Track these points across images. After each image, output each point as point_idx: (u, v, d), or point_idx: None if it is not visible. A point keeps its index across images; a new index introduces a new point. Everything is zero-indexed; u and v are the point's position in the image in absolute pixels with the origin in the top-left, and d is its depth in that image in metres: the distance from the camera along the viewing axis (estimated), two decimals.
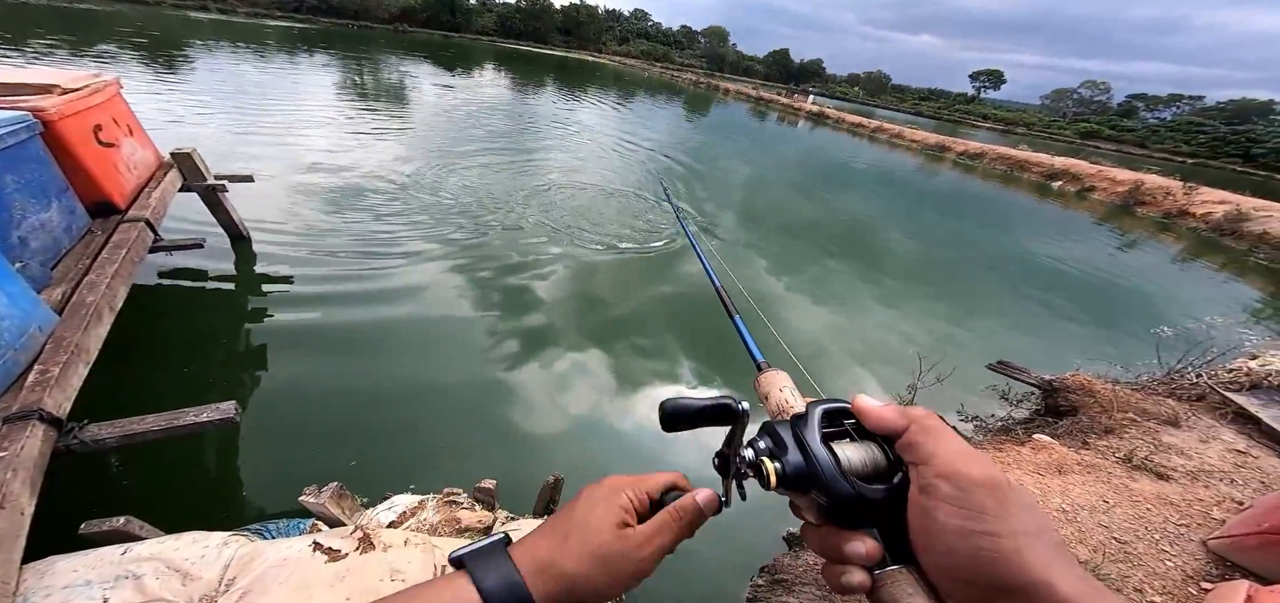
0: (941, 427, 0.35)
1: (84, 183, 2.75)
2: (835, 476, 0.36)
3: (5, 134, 2.18)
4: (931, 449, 0.34)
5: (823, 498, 0.37)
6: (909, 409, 0.38)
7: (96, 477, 2.27)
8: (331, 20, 53.91)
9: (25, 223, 2.21)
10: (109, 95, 3.18)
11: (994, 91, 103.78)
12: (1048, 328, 5.77)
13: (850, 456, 0.38)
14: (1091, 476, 2.30)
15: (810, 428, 0.39)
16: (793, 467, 0.38)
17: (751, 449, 0.40)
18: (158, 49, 15.44)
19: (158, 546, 1.44)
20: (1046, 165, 19.91)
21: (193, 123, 7.84)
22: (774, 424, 0.41)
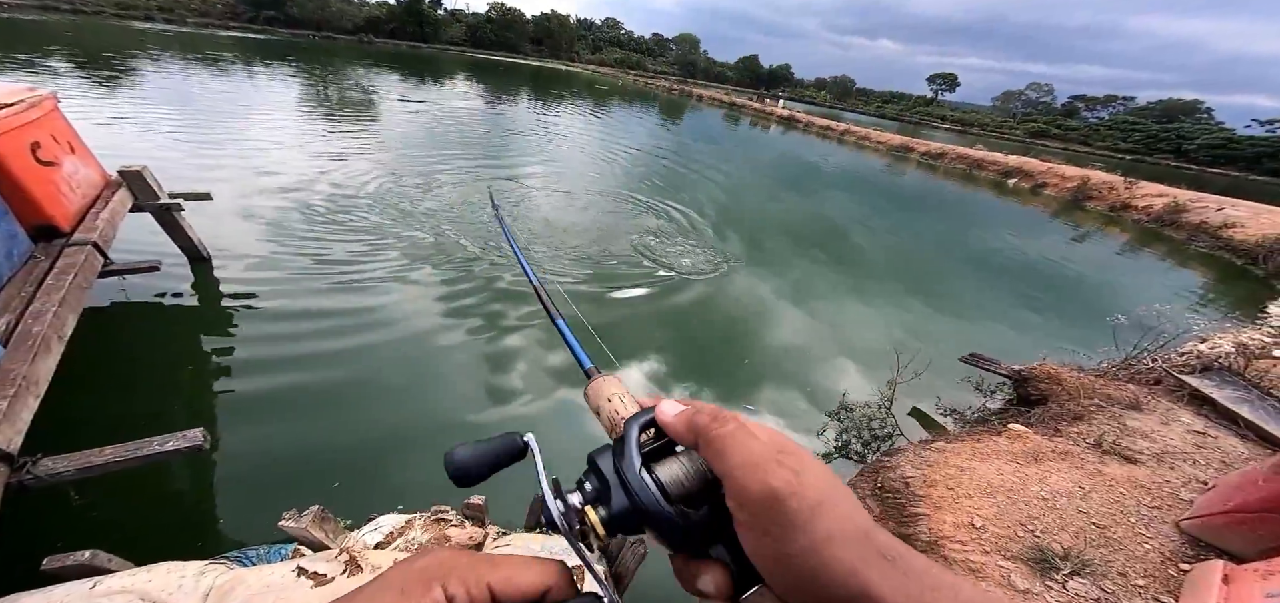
0: (726, 434, 0.31)
1: (23, 205, 2.55)
2: (658, 507, 0.32)
3: None
4: (721, 468, 0.30)
5: (656, 533, 0.33)
6: (696, 415, 0.33)
7: (59, 512, 2.15)
8: (291, 32, 51.94)
9: None
10: (45, 111, 2.96)
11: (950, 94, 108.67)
12: (1014, 319, 6.03)
13: (674, 473, 0.34)
14: (1065, 462, 2.40)
15: (628, 453, 0.34)
16: (617, 509, 0.33)
17: (579, 493, 0.35)
18: (98, 62, 14.56)
19: (129, 578, 1.36)
20: (1002, 164, 20.95)
21: (144, 140, 7.42)
22: (595, 456, 0.36)
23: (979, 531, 2.00)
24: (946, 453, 2.70)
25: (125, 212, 3.41)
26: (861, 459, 3.09)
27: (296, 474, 2.54)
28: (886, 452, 3.01)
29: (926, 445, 2.96)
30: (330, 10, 58.25)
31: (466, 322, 4.00)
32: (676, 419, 0.34)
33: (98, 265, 2.74)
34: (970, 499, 2.20)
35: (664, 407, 0.36)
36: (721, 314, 4.84)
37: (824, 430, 3.41)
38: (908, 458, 2.73)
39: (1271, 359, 3.97)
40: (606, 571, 1.93)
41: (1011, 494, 2.18)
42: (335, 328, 3.66)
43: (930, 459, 2.66)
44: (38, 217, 2.64)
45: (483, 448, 0.36)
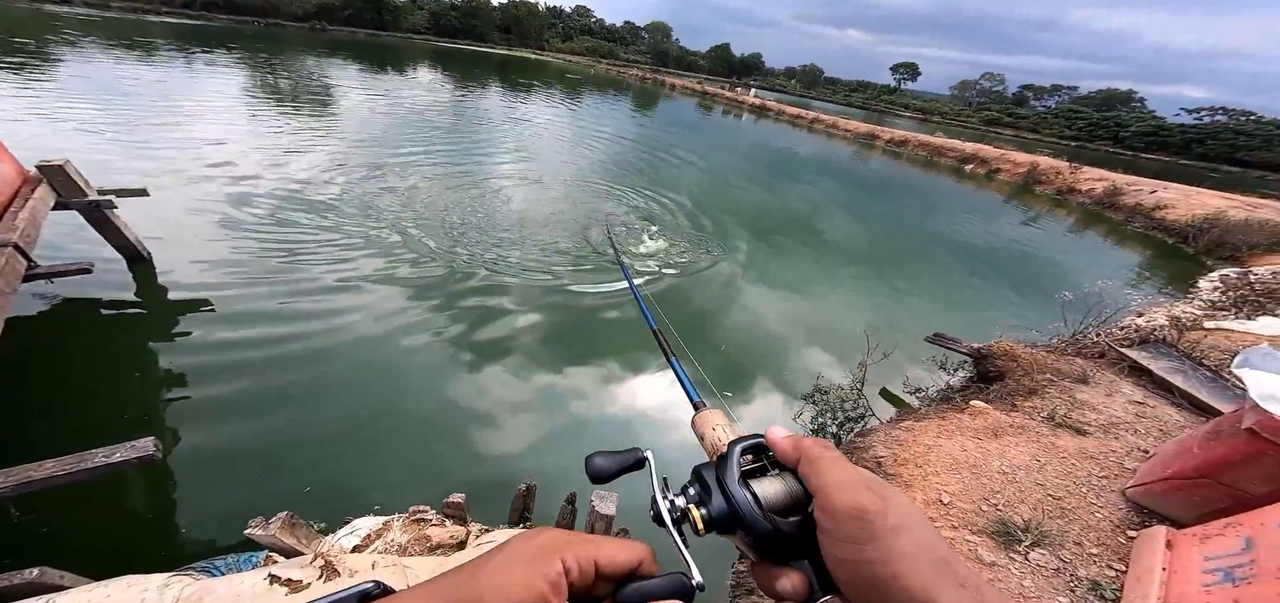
0: (824, 456, 0.36)
1: None
2: (753, 514, 0.37)
3: None
4: (815, 482, 0.35)
5: (747, 537, 0.38)
6: (802, 440, 0.39)
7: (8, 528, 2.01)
8: (232, 18, 48.06)
9: None
10: None
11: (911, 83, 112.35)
12: (974, 299, 6.33)
13: (768, 491, 0.39)
14: (1022, 436, 2.53)
15: (730, 468, 0.40)
16: (716, 511, 0.39)
17: (683, 497, 0.41)
18: (8, 48, 13.22)
19: (86, 595, 1.29)
20: (959, 150, 21.87)
21: (67, 135, 6.80)
22: (701, 469, 0.42)
23: (947, 507, 2.08)
24: (915, 432, 2.81)
25: (47, 210, 3.11)
26: (837, 441, 3.18)
27: (263, 480, 2.43)
28: (860, 433, 3.11)
29: (896, 424, 3.07)
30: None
31: (427, 318, 3.89)
32: (784, 440, 0.40)
33: (21, 268, 2.49)
34: (938, 476, 2.29)
35: (774, 429, 0.41)
36: (695, 301, 4.87)
37: (800, 414, 3.48)
38: (880, 438, 2.82)
39: (1202, 331, 4.30)
40: None
41: (975, 470, 2.28)
42: (293, 330, 3.49)
43: (900, 438, 2.76)
44: None
45: (616, 458, 0.43)
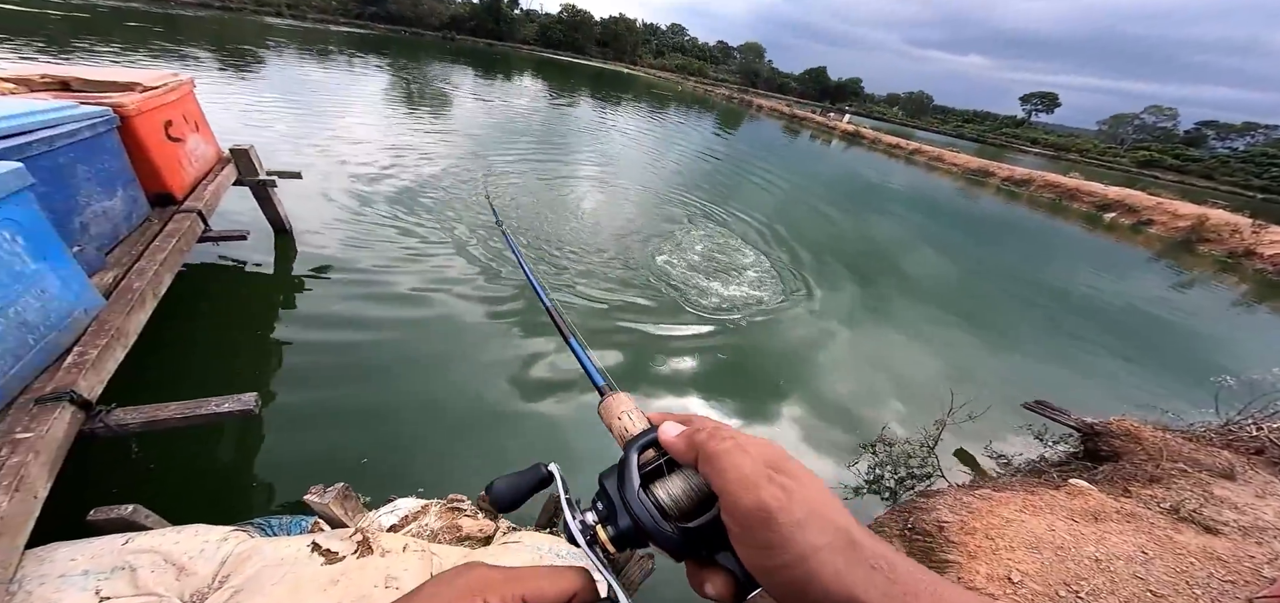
0: (720, 450, 0.33)
1: (149, 174, 2.96)
2: (657, 527, 0.35)
3: (83, 127, 2.38)
4: (717, 484, 0.33)
5: (661, 547, 0.35)
6: (694, 434, 0.36)
7: (115, 460, 2.27)
8: (387, 26, 57.28)
9: (88, 209, 2.40)
10: (182, 94, 3.44)
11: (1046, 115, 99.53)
12: (1091, 367, 5.42)
13: (673, 492, 0.37)
14: (1131, 525, 2.14)
15: (628, 478, 0.37)
16: (622, 527, 0.36)
17: (593, 513, 0.38)
18: (232, 52, 16.64)
19: (159, 538, 1.44)
20: (1099, 195, 18.86)
21: (252, 121, 8.36)
22: (603, 479, 0.39)
23: (1015, 585, 1.83)
24: (993, 501, 2.49)
25: (229, 185, 3.87)
26: (893, 498, 2.91)
27: (332, 446, 2.60)
28: (923, 492, 2.82)
29: (969, 490, 2.74)
30: (422, 7, 63.39)
31: (513, 315, 4.10)
32: (677, 439, 0.37)
33: (198, 230, 3.11)
34: (1011, 552, 2.01)
35: (665, 428, 0.38)
36: (756, 330, 4.71)
37: (856, 462, 3.24)
38: (946, 501, 2.54)
39: None
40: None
41: (1060, 552, 1.97)
42: (389, 314, 3.85)
43: (972, 505, 2.46)
44: (158, 185, 3.06)
45: (515, 480, 0.42)
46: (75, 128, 2.32)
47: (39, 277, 1.74)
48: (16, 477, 1.37)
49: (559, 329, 0.70)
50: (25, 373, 1.66)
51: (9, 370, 1.59)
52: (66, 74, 2.91)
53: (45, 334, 1.74)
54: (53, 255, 1.81)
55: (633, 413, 0.48)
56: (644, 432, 0.41)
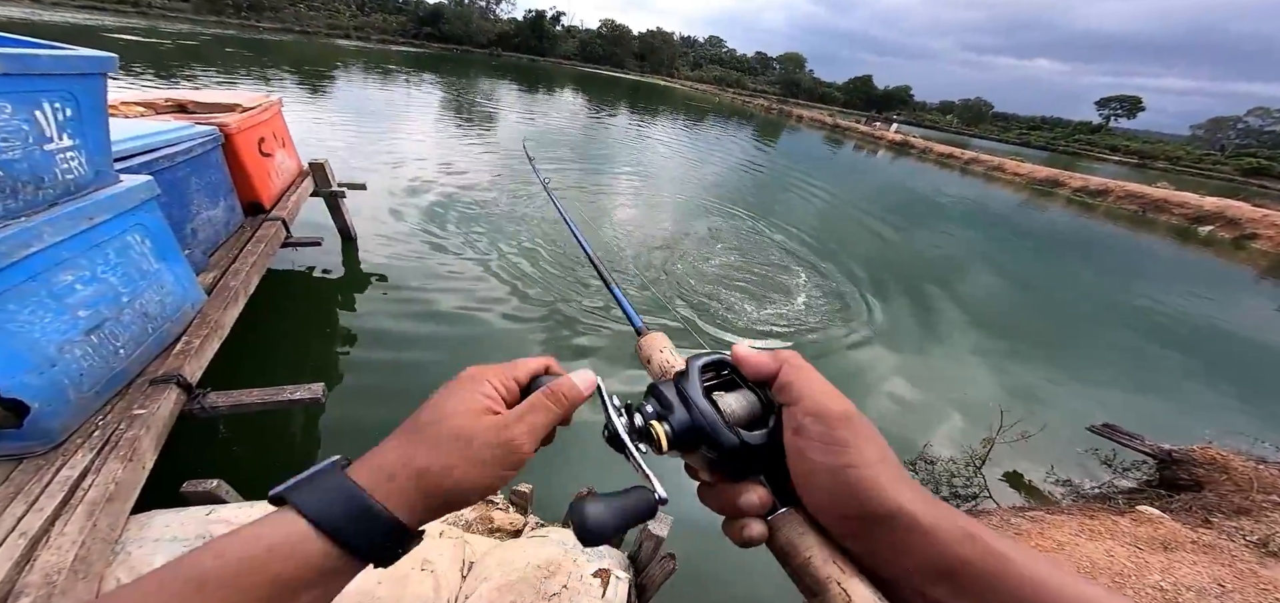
0: (808, 367, 0.37)
1: (244, 186, 3.38)
2: (720, 427, 0.36)
3: (196, 145, 2.78)
4: (801, 389, 0.36)
5: (711, 452, 0.37)
6: (779, 352, 0.39)
7: (204, 438, 2.53)
8: (441, 45, 61.86)
9: (198, 218, 2.78)
10: (273, 113, 3.90)
11: (1128, 121, 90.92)
12: (1172, 393, 4.91)
13: (731, 405, 0.39)
14: (1207, 556, 1.95)
15: (691, 383, 0.39)
16: (680, 424, 0.37)
17: (640, 415, 0.39)
18: (306, 72, 18.40)
19: (235, 511, 1.61)
20: (1192, 206, 16.97)
21: (322, 135, 9.21)
22: (657, 385, 0.41)
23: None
24: (1045, 524, 2.35)
25: (308, 195, 4.32)
26: None
27: (385, 434, 2.89)
28: (967, 511, 2.68)
29: (1020, 512, 2.59)
30: (471, 26, 67.74)
31: (565, 322, 4.23)
32: (756, 355, 0.40)
33: (282, 237, 3.50)
34: None
35: (740, 346, 0.41)
36: (803, 348, 4.64)
37: None
38: (994, 522, 2.42)
39: None
40: None
41: (1120, 579, 1.84)
42: (439, 316, 4.08)
43: (1023, 527, 2.33)
44: (251, 196, 3.48)
45: (615, 506, 0.34)
46: (190, 145, 2.71)
47: (159, 275, 2.04)
48: (131, 448, 1.57)
49: (599, 273, 0.76)
50: (144, 357, 1.94)
51: (132, 354, 1.86)
52: (184, 98, 3.39)
53: (161, 324, 2.04)
54: (171, 257, 2.12)
55: (672, 350, 0.51)
56: (707, 351, 0.42)
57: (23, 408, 1.44)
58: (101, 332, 1.72)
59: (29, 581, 1.22)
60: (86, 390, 1.65)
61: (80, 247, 1.66)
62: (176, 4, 59.16)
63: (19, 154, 1.44)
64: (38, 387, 1.48)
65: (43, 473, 1.45)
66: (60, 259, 1.58)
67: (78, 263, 1.65)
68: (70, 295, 1.62)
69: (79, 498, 1.40)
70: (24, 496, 1.38)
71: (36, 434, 1.50)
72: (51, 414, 1.52)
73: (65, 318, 1.59)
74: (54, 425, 1.53)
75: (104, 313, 1.74)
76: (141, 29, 29.28)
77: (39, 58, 1.45)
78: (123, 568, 1.40)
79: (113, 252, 1.81)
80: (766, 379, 0.39)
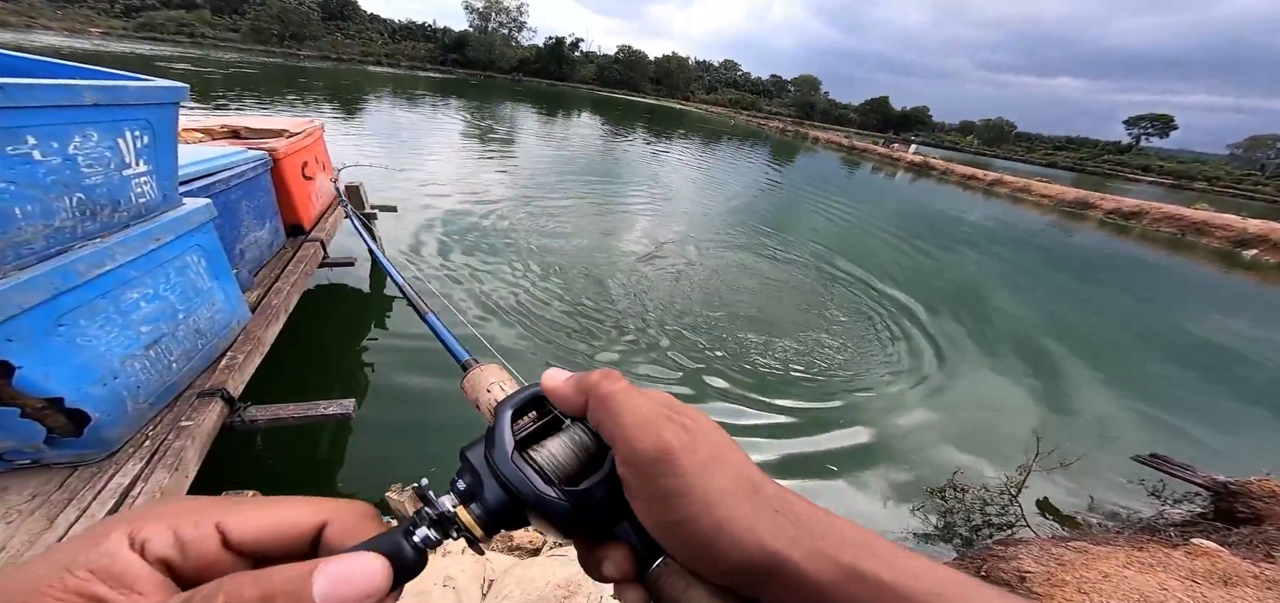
0: (619, 392, 0.29)
1: (287, 208, 3.55)
2: (538, 493, 0.29)
3: (248, 169, 2.95)
4: (611, 431, 0.28)
5: (544, 522, 0.29)
6: (586, 377, 0.31)
7: (241, 449, 2.61)
8: (465, 71, 64.94)
9: (247, 238, 2.93)
10: (315, 138, 4.09)
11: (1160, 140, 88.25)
12: (1223, 424, 4.64)
13: (555, 453, 0.31)
14: (1271, 594, 1.83)
15: (499, 441, 0.31)
16: (494, 503, 0.29)
17: (451, 493, 0.30)
18: (341, 97, 19.34)
19: None
20: (1235, 229, 16.27)
21: (357, 158, 9.61)
22: (466, 452, 0.32)
23: None
24: (1089, 555, 2.24)
25: (343, 217, 4.52)
26: (966, 544, 2.68)
27: (414, 455, 2.87)
28: (1002, 540, 2.58)
29: (1061, 542, 2.48)
30: (494, 52, 70.64)
31: (587, 345, 4.27)
32: (563, 384, 0.32)
33: (320, 257, 3.66)
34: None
35: (549, 375, 0.33)
36: (813, 355, 4.57)
37: (921, 507, 3.01)
38: (1031, 551, 2.32)
39: None
40: None
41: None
42: (472, 337, 4.09)
43: (1063, 558, 2.23)
44: (294, 218, 3.65)
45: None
46: (243, 169, 2.88)
47: (211, 293, 2.15)
48: (178, 458, 1.63)
49: (410, 302, 0.65)
50: (193, 371, 2.03)
51: (183, 368, 1.96)
52: (237, 123, 3.60)
53: (211, 340, 2.13)
54: (222, 276, 2.24)
55: (504, 383, 0.42)
56: (520, 389, 0.36)
57: (83, 418, 1.52)
58: (159, 347, 1.82)
59: None
60: (142, 402, 1.74)
61: (146, 266, 1.77)
62: (226, 35, 63.40)
63: (100, 179, 1.57)
64: (99, 397, 1.56)
65: (95, 481, 1.51)
66: (128, 278, 1.69)
67: (143, 282, 1.76)
68: (135, 312, 1.72)
69: (127, 506, 1.44)
70: (77, 502, 1.43)
71: (95, 443, 1.57)
72: (110, 424, 1.60)
73: (129, 333, 1.69)
74: (111, 435, 1.61)
75: (162, 329, 1.85)
76: (194, 58, 31.39)
77: (126, 88, 1.59)
78: None
79: (173, 271, 1.92)
80: (579, 415, 0.32)
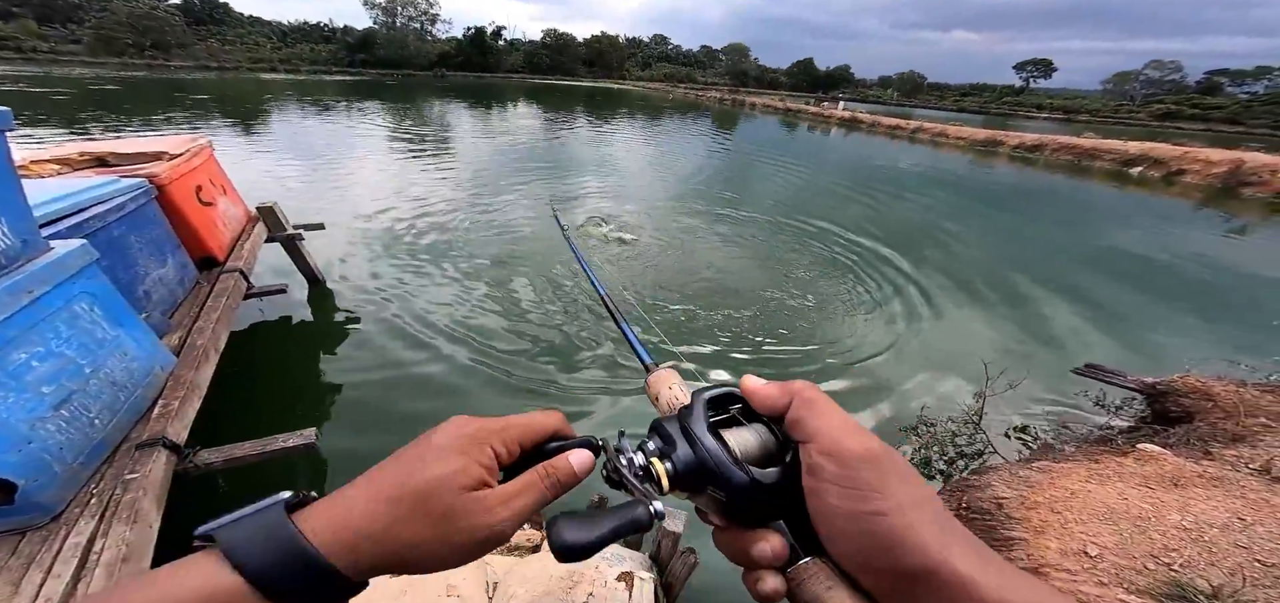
0: (823, 399, 0.33)
1: (191, 239, 3.11)
2: (726, 464, 0.33)
3: (128, 201, 2.52)
4: (815, 425, 0.31)
5: (719, 493, 0.33)
6: (791, 383, 0.35)
7: (207, 493, 2.42)
8: (378, 71, 59.42)
9: (148, 278, 2.52)
10: (204, 158, 3.58)
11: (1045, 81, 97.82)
12: (1141, 328, 5.21)
13: (741, 440, 0.35)
14: (1218, 489, 2.03)
15: (696, 418, 0.36)
16: (683, 463, 0.34)
17: (641, 452, 0.36)
18: (235, 111, 17.35)
19: None
20: (1121, 151, 18.33)
21: (269, 177, 8.69)
22: (661, 422, 0.38)
23: (1093, 559, 1.74)
24: (1053, 474, 2.40)
25: (261, 242, 4.03)
26: (945, 479, 2.82)
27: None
28: (976, 470, 2.73)
29: (1026, 465, 2.65)
30: (408, 50, 65.39)
31: (547, 343, 4.07)
32: (765, 387, 0.36)
33: (243, 289, 3.25)
34: (1082, 525, 1.93)
35: (748, 379, 0.37)
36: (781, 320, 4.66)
37: (900, 447, 3.14)
38: (1001, 477, 2.45)
39: None
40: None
41: (1140, 522, 1.88)
42: (423, 350, 3.87)
43: (1031, 480, 2.37)
44: (202, 250, 3.20)
45: (591, 520, 0.32)
46: (121, 202, 2.46)
47: (118, 341, 1.88)
48: (133, 510, 1.58)
49: (610, 312, 0.74)
50: (123, 424, 1.84)
51: (109, 423, 1.77)
52: (101, 149, 3.07)
53: (133, 391, 1.90)
54: (126, 322, 1.94)
55: (681, 385, 0.48)
56: (714, 384, 0.39)
57: (9, 486, 1.42)
58: (71, 405, 1.64)
59: None
60: (71, 462, 1.60)
61: (25, 323, 1.54)
62: (66, 48, 52.93)
63: None
64: (18, 464, 1.44)
65: (51, 542, 1.47)
66: (7, 337, 1.48)
67: (28, 340, 1.55)
68: (28, 373, 1.52)
69: (94, 561, 1.44)
70: (38, 564, 1.40)
71: (31, 509, 1.49)
72: (39, 488, 1.49)
73: (27, 395, 1.51)
74: (46, 498, 1.51)
75: (69, 386, 1.65)
76: (33, 77, 26.92)
77: None
78: None
79: (61, 324, 1.67)
80: (777, 414, 0.35)
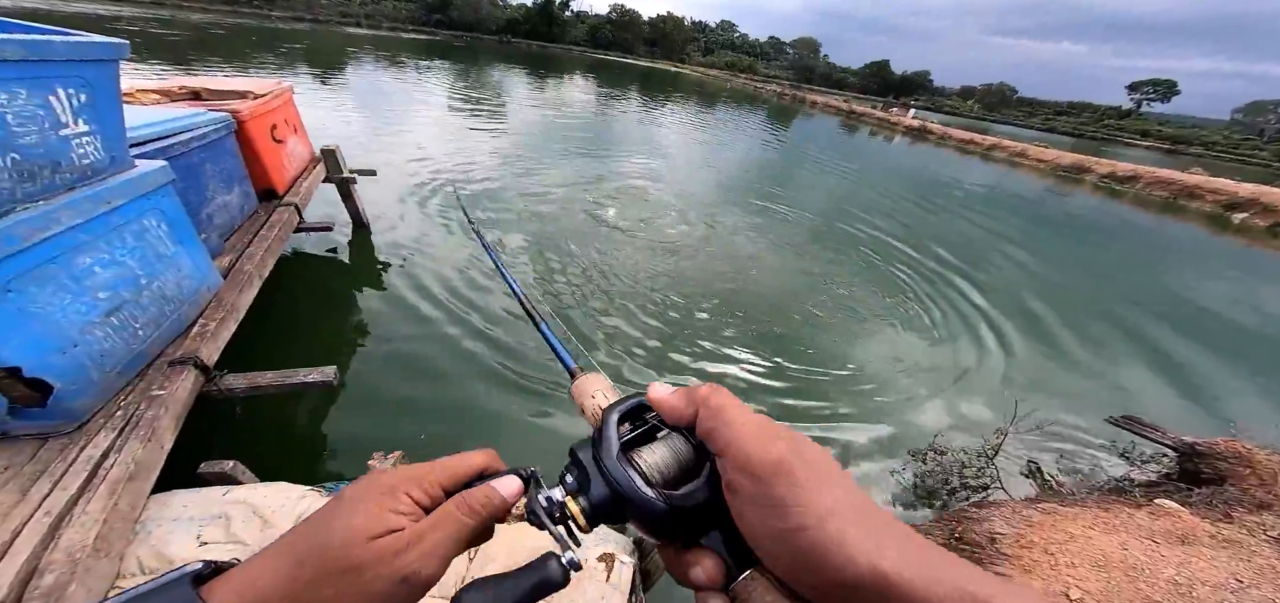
0: (732, 404, 0.31)
1: (257, 172, 3.42)
2: (639, 494, 0.31)
3: (211, 132, 2.82)
4: (726, 437, 0.30)
5: (641, 522, 0.32)
6: (696, 390, 0.33)
7: (221, 419, 2.52)
8: (450, 32, 61.86)
9: (213, 202, 2.83)
10: (284, 100, 3.92)
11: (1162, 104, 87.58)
12: (1196, 386, 4.75)
13: (655, 460, 0.33)
14: (1226, 552, 1.90)
15: (607, 444, 0.34)
16: (597, 498, 0.33)
17: (561, 486, 0.35)
18: (320, 61, 18.50)
19: (250, 491, 1.65)
20: (1227, 192, 16.33)
21: (336, 123, 9.27)
22: (576, 449, 0.36)
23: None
24: (1057, 516, 2.31)
25: (319, 182, 4.37)
26: (943, 506, 2.75)
27: (393, 422, 2.81)
28: (976, 503, 2.65)
29: (1032, 504, 2.55)
30: (481, 12, 67.44)
31: (576, 312, 4.17)
32: (671, 397, 0.34)
33: (294, 222, 3.54)
34: (1073, 568, 1.87)
35: (655, 388, 0.36)
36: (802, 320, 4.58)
37: (902, 470, 3.08)
38: (1002, 513, 2.38)
39: None
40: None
41: (1132, 573, 1.80)
42: (450, 307, 4.02)
43: (1033, 519, 2.30)
44: (265, 182, 3.53)
45: (507, 586, 0.32)
46: (204, 132, 2.75)
47: (176, 259, 2.08)
48: (150, 429, 1.60)
49: (527, 312, 0.69)
50: (163, 339, 1.99)
51: (151, 336, 1.91)
52: (198, 85, 3.43)
53: (179, 307, 2.08)
54: (187, 241, 2.17)
55: (607, 392, 0.46)
56: (625, 397, 0.38)
57: (47, 388, 1.48)
58: (121, 314, 1.77)
59: (52, 558, 1.25)
60: (108, 371, 1.69)
61: (98, 230, 1.69)
62: None
63: (35, 139, 1.47)
64: (61, 367, 1.52)
65: (67, 452, 1.48)
66: (79, 242, 1.62)
67: (96, 246, 1.69)
68: (89, 278, 1.66)
69: (101, 477, 1.43)
70: (49, 474, 1.41)
71: (61, 413, 1.54)
72: (74, 394, 1.57)
73: (85, 300, 1.63)
74: (77, 405, 1.58)
75: (123, 295, 1.79)
76: (160, 19, 29.75)
77: (52, 44, 1.48)
78: (143, 547, 1.44)
79: (130, 235, 1.85)
80: (687, 425, 0.33)
